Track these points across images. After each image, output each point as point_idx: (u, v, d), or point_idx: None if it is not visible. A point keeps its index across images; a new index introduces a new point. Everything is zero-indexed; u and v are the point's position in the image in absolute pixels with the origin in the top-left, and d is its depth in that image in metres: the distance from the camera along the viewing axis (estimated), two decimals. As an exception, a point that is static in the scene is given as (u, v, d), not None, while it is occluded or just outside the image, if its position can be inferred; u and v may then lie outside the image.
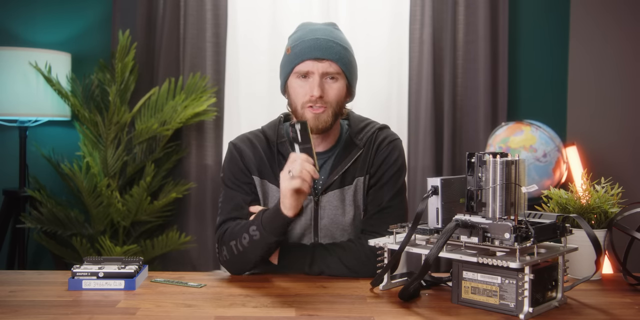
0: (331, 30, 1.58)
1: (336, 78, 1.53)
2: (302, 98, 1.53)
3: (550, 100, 3.17)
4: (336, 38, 1.55)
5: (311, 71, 1.52)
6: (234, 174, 1.60)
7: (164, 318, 1.15)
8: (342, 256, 1.50)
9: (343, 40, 1.57)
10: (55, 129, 3.01)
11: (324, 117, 1.53)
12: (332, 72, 1.52)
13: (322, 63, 1.51)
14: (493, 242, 1.18)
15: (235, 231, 1.49)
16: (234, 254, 1.48)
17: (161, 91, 2.85)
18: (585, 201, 1.48)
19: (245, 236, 1.45)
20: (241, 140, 1.64)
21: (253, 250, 1.46)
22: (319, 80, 1.51)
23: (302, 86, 1.53)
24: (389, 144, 1.62)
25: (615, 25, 3.17)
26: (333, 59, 1.51)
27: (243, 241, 1.46)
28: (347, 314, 1.18)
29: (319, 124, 1.53)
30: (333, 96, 1.53)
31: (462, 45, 3.03)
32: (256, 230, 1.44)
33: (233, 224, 1.53)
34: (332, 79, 1.53)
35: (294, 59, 1.53)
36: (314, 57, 1.51)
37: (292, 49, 1.54)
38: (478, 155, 1.22)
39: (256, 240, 1.44)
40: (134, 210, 2.72)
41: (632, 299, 1.31)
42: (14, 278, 1.44)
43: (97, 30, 3.02)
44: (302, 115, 1.54)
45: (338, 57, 1.52)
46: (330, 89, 1.53)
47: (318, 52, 1.51)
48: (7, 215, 2.81)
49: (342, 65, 1.53)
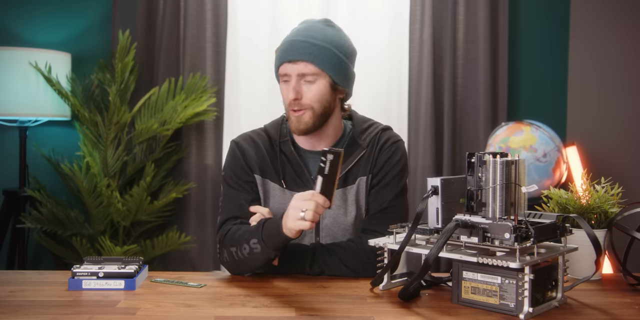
0: (318, 27, 1.55)
1: (313, 79, 1.52)
2: (286, 100, 1.55)
3: (550, 100, 3.17)
4: (316, 37, 1.51)
5: (287, 74, 1.53)
6: (236, 172, 1.60)
7: (164, 318, 1.15)
8: (343, 256, 1.50)
9: (326, 38, 1.52)
10: (55, 129, 3.01)
11: (305, 119, 1.53)
12: (307, 73, 1.51)
13: (296, 65, 1.50)
14: (493, 242, 1.18)
15: (235, 238, 1.48)
16: (234, 259, 1.48)
17: (161, 91, 2.85)
18: (585, 201, 1.48)
19: (246, 247, 1.44)
20: (243, 139, 1.64)
21: (253, 261, 1.45)
22: (294, 83, 1.52)
23: (285, 89, 1.55)
24: (392, 144, 1.62)
25: (615, 25, 3.17)
26: (307, 60, 1.50)
27: (243, 251, 1.45)
28: (347, 314, 1.18)
29: (300, 126, 1.54)
30: (311, 98, 1.52)
31: (462, 45, 3.03)
32: (257, 244, 1.42)
33: (234, 228, 1.52)
34: (308, 81, 1.52)
35: (276, 61, 1.56)
36: (287, 59, 1.51)
37: (276, 53, 1.57)
38: (478, 155, 1.22)
39: (256, 253, 1.43)
40: (134, 210, 2.72)
41: (632, 299, 1.31)
42: (14, 278, 1.44)
43: (97, 30, 3.02)
44: (288, 117, 1.57)
45: (313, 57, 1.50)
46: (309, 90, 1.52)
47: (292, 53, 1.51)
48: (7, 215, 2.81)
49: (319, 64, 1.50)
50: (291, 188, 1.58)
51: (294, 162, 1.60)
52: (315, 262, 1.50)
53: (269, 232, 1.41)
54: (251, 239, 1.43)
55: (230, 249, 1.48)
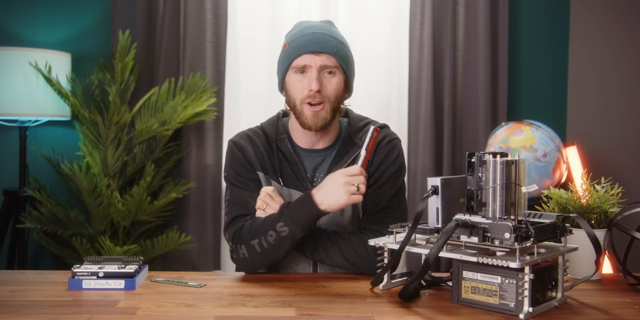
0: (327, 26, 1.58)
1: (334, 72, 1.52)
2: (301, 93, 1.52)
3: (550, 100, 3.17)
4: (333, 33, 1.55)
5: (309, 65, 1.51)
6: (238, 171, 1.59)
7: (164, 318, 1.15)
8: (344, 249, 1.49)
9: (340, 35, 1.57)
10: (55, 129, 3.01)
11: (323, 114, 1.52)
12: (330, 65, 1.51)
13: (319, 56, 1.50)
14: (493, 242, 1.18)
15: (254, 229, 1.46)
16: (256, 252, 1.46)
17: (161, 91, 2.85)
18: (585, 201, 1.48)
19: (272, 233, 1.42)
20: (240, 137, 1.63)
21: (279, 247, 1.44)
22: (317, 74, 1.50)
23: (300, 81, 1.52)
24: (388, 143, 1.61)
25: (615, 25, 3.17)
26: (330, 52, 1.51)
27: (269, 238, 1.43)
28: (347, 313, 1.18)
29: (318, 122, 1.52)
30: (331, 91, 1.52)
31: (462, 45, 3.03)
32: (284, 226, 1.41)
33: (248, 222, 1.50)
34: (330, 73, 1.52)
35: (292, 53, 1.52)
36: (311, 50, 1.50)
37: (290, 44, 1.54)
38: (478, 155, 1.22)
39: (284, 237, 1.42)
40: (134, 210, 2.72)
41: (632, 299, 1.31)
42: (14, 278, 1.44)
43: (97, 30, 3.02)
44: (300, 111, 1.53)
45: (335, 50, 1.51)
46: (329, 83, 1.52)
47: (315, 45, 1.50)
48: (7, 215, 2.81)
49: (339, 59, 1.52)
50: (288, 186, 1.57)
51: (291, 160, 1.59)
52: (317, 250, 1.50)
53: (298, 210, 1.41)
54: (276, 223, 1.42)
55: (251, 242, 1.46)
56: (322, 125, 1.53)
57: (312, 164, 1.61)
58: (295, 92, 1.53)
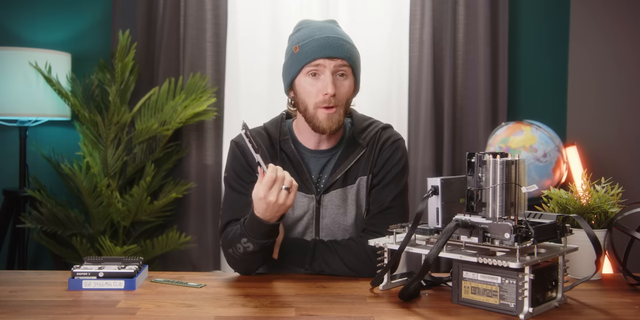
0: (335, 27, 1.58)
1: (346, 74, 1.53)
2: (315, 97, 1.51)
3: (550, 100, 3.17)
4: (344, 36, 1.56)
5: (322, 69, 1.51)
6: (238, 173, 1.59)
7: (164, 318, 1.15)
8: (343, 255, 1.50)
9: (348, 36, 1.58)
10: (55, 129, 3.01)
11: (337, 117, 1.53)
12: (343, 70, 1.52)
13: (334, 61, 1.50)
14: (493, 242, 1.18)
15: (229, 239, 1.49)
16: (235, 259, 1.48)
17: (161, 91, 2.85)
18: (585, 201, 1.48)
19: (239, 247, 1.44)
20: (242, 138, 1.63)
21: (251, 258, 1.46)
22: (332, 78, 1.51)
23: (314, 85, 1.52)
24: (392, 143, 1.61)
25: (615, 25, 3.17)
26: (344, 57, 1.51)
27: (238, 251, 1.45)
28: (347, 314, 1.18)
29: (332, 125, 1.53)
30: (344, 94, 1.53)
31: (462, 45, 3.03)
32: (247, 242, 1.42)
33: (228, 229, 1.52)
34: (342, 75, 1.53)
35: (305, 57, 1.52)
36: (326, 55, 1.50)
37: (302, 48, 1.53)
38: (478, 155, 1.22)
39: (251, 251, 1.43)
40: (134, 210, 2.72)
41: (632, 299, 1.31)
42: (14, 278, 1.44)
43: (97, 30, 3.02)
44: (313, 115, 1.53)
45: (349, 55, 1.52)
46: (342, 86, 1.53)
47: (330, 50, 1.50)
48: (7, 215, 2.81)
49: (352, 62, 1.53)
50: None
51: (294, 161, 1.59)
52: (316, 260, 1.50)
53: (252, 228, 1.40)
54: (241, 239, 1.44)
55: (228, 251, 1.49)
56: (336, 128, 1.54)
57: (318, 165, 1.60)
58: (309, 96, 1.53)
